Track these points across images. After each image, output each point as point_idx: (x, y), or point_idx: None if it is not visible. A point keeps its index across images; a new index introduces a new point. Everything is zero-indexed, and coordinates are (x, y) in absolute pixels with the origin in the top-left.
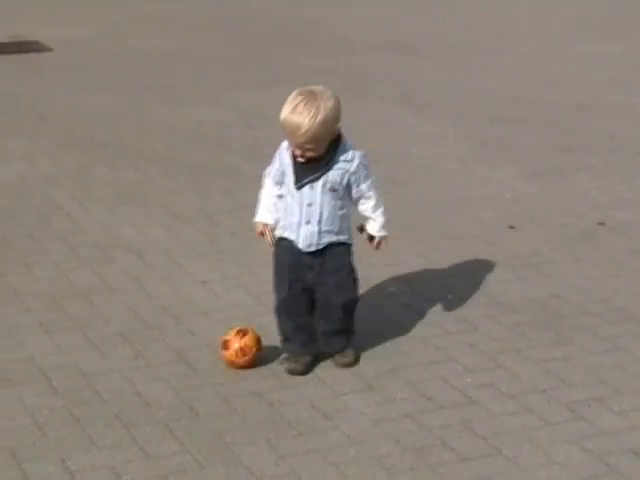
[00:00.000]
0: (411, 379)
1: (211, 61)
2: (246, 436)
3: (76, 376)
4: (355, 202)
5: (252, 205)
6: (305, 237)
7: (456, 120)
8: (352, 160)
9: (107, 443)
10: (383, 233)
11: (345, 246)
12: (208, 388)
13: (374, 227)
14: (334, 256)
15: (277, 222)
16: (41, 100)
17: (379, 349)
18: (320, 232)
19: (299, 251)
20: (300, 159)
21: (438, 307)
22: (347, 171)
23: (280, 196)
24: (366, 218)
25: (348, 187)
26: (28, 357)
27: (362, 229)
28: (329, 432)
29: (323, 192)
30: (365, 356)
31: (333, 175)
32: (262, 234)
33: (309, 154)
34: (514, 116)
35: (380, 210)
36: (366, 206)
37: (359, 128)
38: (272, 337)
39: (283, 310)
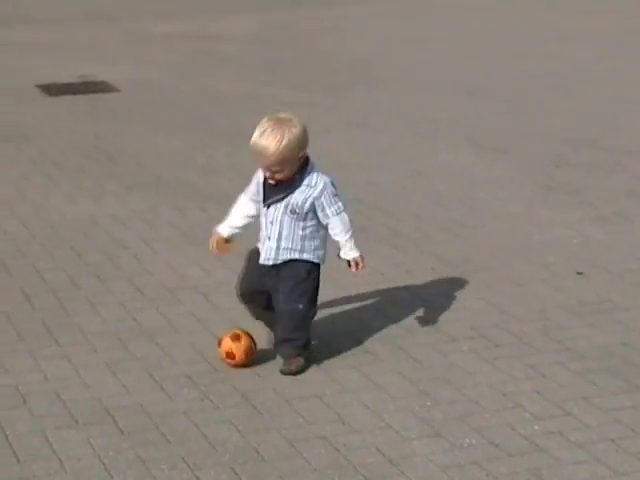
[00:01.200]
0: (478, 426)
1: (276, 103)
2: None
3: (142, 417)
4: (326, 226)
5: None
6: (265, 251)
7: (522, 163)
8: (316, 185)
9: None
10: (355, 254)
11: (305, 263)
12: (274, 431)
13: (345, 251)
14: (289, 268)
15: (233, 237)
16: (109, 140)
17: (446, 395)
18: (278, 248)
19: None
20: (270, 181)
21: (505, 353)
22: (310, 195)
23: (252, 216)
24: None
25: (310, 212)
26: (95, 397)
27: (339, 256)
28: (395, 478)
29: (284, 213)
30: (432, 401)
31: (296, 198)
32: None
33: (278, 176)
34: (580, 160)
35: (349, 234)
36: (334, 231)
37: (426, 171)
38: (339, 380)
39: (242, 300)
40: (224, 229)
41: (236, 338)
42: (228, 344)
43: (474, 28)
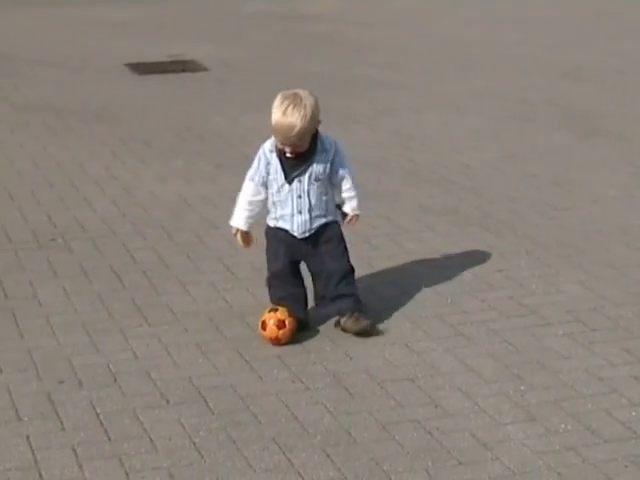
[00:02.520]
0: (574, 411)
1: (367, 83)
2: (404, 464)
3: (233, 398)
4: (335, 186)
5: (410, 230)
6: (299, 226)
7: (619, 145)
8: (330, 148)
9: (263, 467)
10: (357, 212)
11: (334, 224)
12: (365, 414)
13: (352, 206)
14: (325, 231)
15: (251, 227)
16: (198, 120)
17: (541, 379)
18: (311, 219)
19: (295, 238)
20: (290, 155)
21: (602, 337)
22: (328, 159)
23: (263, 200)
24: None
25: (330, 174)
26: (185, 377)
27: (339, 208)
28: (489, 463)
29: (310, 183)
30: (527, 386)
31: (317, 166)
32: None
33: (299, 150)
34: None
35: (355, 192)
36: (346, 186)
37: (520, 153)
38: (432, 363)
39: (276, 281)
40: (244, 223)
41: (281, 325)
42: (274, 332)
43: (572, 7)
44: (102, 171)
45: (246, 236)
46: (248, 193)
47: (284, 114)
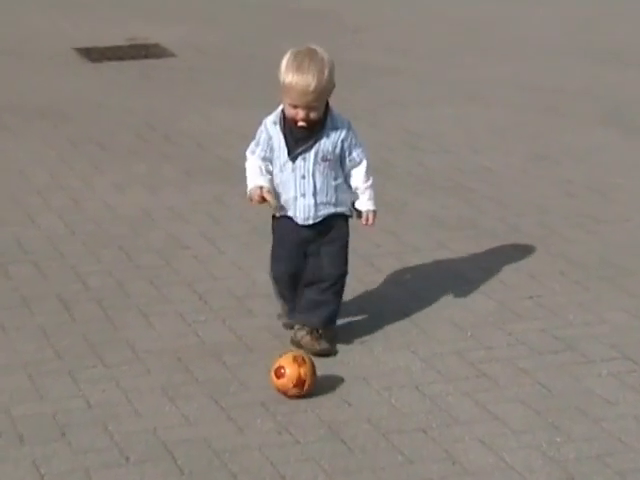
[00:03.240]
0: (622, 468)
1: (367, 71)
2: None
3: (206, 453)
4: (347, 174)
5: (421, 248)
6: (301, 210)
7: None
8: (342, 126)
9: None
10: (372, 207)
11: (343, 217)
12: (368, 472)
13: (363, 201)
14: (332, 227)
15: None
16: (164, 116)
17: (581, 429)
18: (316, 204)
19: (298, 225)
20: (302, 123)
21: None
22: (339, 138)
23: (265, 168)
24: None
25: (341, 157)
26: (148, 429)
27: (353, 206)
28: None
29: (315, 162)
30: (564, 437)
31: (325, 144)
32: (262, 200)
33: (312, 115)
34: None
35: (369, 182)
36: (356, 177)
37: (552, 154)
38: (448, 409)
39: (283, 280)
40: (261, 180)
41: (302, 361)
42: (296, 371)
43: None
44: (46, 178)
45: (269, 194)
46: (254, 165)
47: (299, 69)
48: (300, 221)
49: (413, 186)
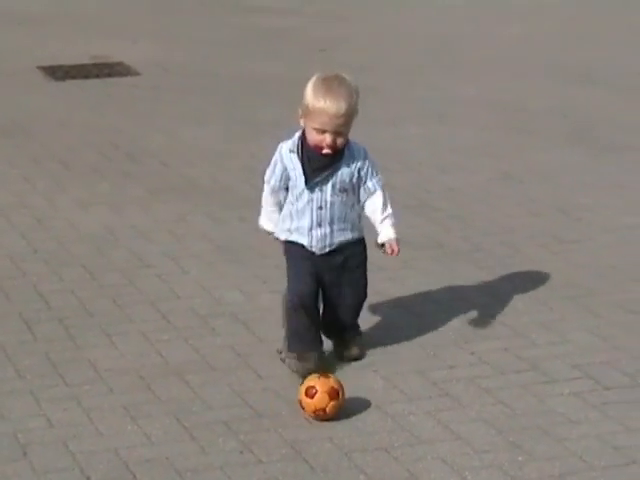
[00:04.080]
0: None
1: None
2: None
3: (169, 474)
4: (363, 203)
5: (386, 267)
6: (317, 240)
7: (636, 163)
8: (359, 155)
9: None
10: (393, 235)
11: (360, 244)
12: None
13: (385, 231)
14: (351, 256)
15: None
16: (128, 135)
17: (543, 449)
18: (332, 232)
19: (313, 254)
20: (327, 150)
21: (617, 397)
22: (356, 167)
23: (279, 204)
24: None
25: (358, 185)
26: (110, 449)
27: (376, 242)
28: None
29: (332, 194)
30: (526, 456)
31: (342, 174)
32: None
33: (339, 141)
34: None
35: (388, 211)
36: (374, 207)
37: (517, 173)
38: (410, 429)
39: (301, 306)
40: (270, 227)
41: (334, 394)
42: (327, 384)
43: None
44: (9, 197)
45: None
46: (266, 199)
47: (329, 92)
48: (317, 250)
49: None
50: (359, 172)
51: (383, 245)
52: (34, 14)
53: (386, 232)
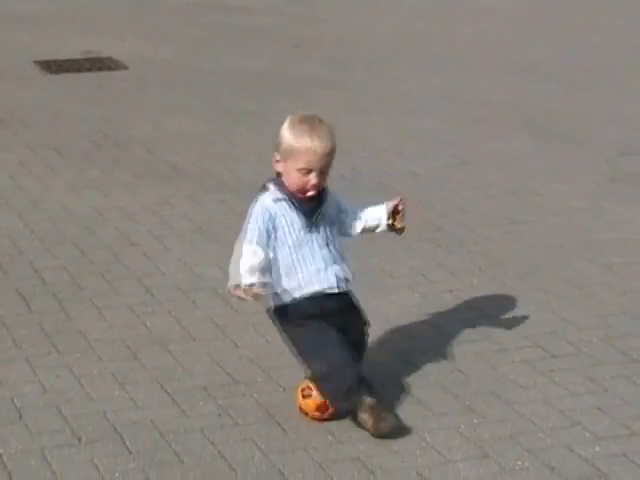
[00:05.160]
0: (532, 446)
1: (306, 82)
2: None
3: (152, 434)
4: (350, 226)
5: (350, 246)
6: (328, 280)
7: (583, 152)
8: (328, 188)
9: None
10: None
11: (350, 282)
12: (301, 451)
13: (378, 214)
14: (349, 300)
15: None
16: (116, 124)
17: (495, 412)
18: (337, 272)
19: (320, 301)
20: (311, 193)
21: (563, 364)
22: (334, 200)
23: (263, 260)
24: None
25: (338, 218)
26: (100, 412)
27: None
28: None
29: (331, 229)
30: (480, 419)
31: (328, 209)
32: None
33: (324, 181)
34: None
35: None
36: (356, 214)
37: (472, 159)
38: None
39: (338, 369)
40: (251, 278)
41: None
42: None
43: None
44: (7, 181)
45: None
46: (251, 257)
47: (314, 131)
48: (329, 290)
49: (344, 188)
50: (338, 205)
51: (392, 224)
52: (32, 13)
53: (380, 212)
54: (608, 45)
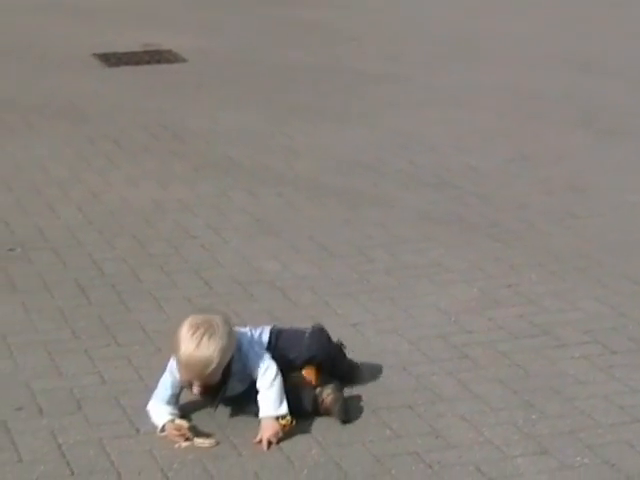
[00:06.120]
0: (592, 442)
1: (362, 76)
2: None
3: (210, 426)
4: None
5: (409, 240)
6: None
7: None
8: (245, 361)
9: None
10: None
11: None
12: (359, 445)
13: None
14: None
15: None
16: (175, 117)
17: (554, 407)
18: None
19: None
20: (196, 390)
21: (623, 360)
22: (245, 372)
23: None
24: None
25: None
26: None
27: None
28: None
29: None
30: (538, 414)
31: (236, 385)
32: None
33: (211, 383)
34: None
35: (271, 390)
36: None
37: (533, 155)
38: (432, 388)
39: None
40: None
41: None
42: None
43: None
44: (66, 173)
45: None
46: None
47: (198, 347)
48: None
49: (403, 183)
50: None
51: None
52: (91, 5)
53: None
54: None
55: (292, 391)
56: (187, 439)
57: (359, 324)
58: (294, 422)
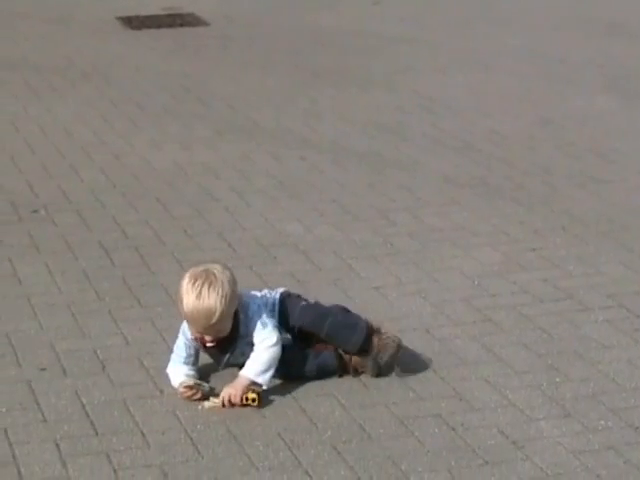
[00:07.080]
0: (615, 406)
1: (386, 40)
2: (424, 463)
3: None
4: None
5: (433, 203)
6: None
7: None
8: (252, 325)
9: (267, 465)
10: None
11: None
12: (382, 407)
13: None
14: None
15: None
16: (198, 79)
17: (578, 371)
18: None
19: None
20: (211, 344)
21: None
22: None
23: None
24: None
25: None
26: None
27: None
28: (519, 462)
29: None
30: (562, 378)
31: (242, 345)
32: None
33: (222, 335)
34: None
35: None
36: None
37: (557, 119)
38: (456, 351)
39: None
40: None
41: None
42: None
43: None
44: (90, 136)
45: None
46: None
47: (199, 297)
48: None
49: (426, 146)
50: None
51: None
52: None
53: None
54: None
55: (313, 354)
56: (203, 398)
57: (382, 287)
58: (260, 404)
